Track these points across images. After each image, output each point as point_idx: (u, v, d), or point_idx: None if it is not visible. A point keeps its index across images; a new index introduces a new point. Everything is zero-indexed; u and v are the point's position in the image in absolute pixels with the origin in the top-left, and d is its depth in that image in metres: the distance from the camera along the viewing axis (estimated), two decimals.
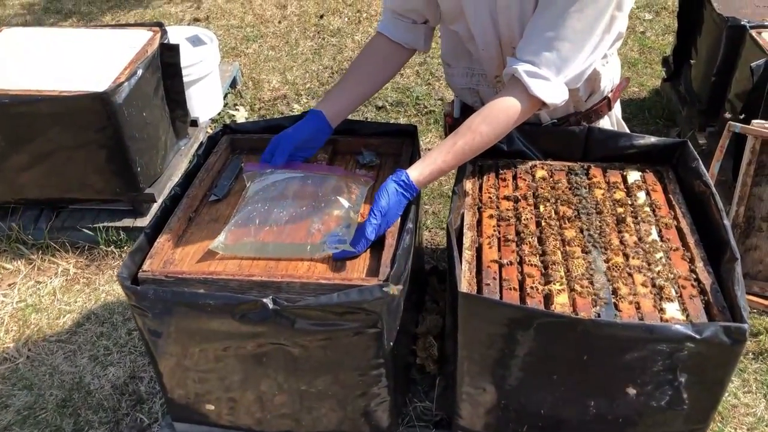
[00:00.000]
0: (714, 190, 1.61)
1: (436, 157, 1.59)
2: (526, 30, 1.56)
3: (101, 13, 4.88)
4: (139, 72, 2.44)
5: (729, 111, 2.52)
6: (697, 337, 1.31)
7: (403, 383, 1.80)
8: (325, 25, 4.49)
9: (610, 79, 1.81)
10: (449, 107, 2.02)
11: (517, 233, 1.63)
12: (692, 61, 2.98)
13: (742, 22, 2.53)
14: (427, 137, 3.23)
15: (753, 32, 2.44)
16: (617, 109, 1.94)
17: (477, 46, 1.72)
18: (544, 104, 1.58)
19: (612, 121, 1.92)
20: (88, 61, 2.53)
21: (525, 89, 1.54)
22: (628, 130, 1.99)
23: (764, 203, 2.19)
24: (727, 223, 1.53)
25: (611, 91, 1.86)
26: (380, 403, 1.61)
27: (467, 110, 1.91)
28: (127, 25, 2.82)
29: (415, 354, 1.87)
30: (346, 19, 4.55)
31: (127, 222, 2.60)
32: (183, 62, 2.74)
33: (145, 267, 1.52)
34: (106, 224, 2.59)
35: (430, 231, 2.62)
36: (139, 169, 2.49)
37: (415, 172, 1.58)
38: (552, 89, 1.55)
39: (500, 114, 1.58)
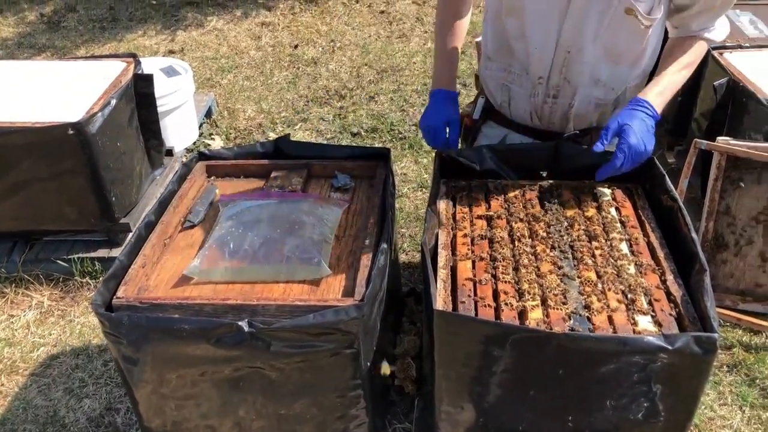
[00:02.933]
0: (681, 204, 1.65)
1: (663, 79, 1.67)
2: (698, 10, 1.64)
3: (75, 47, 4.89)
4: (113, 102, 2.45)
5: (695, 129, 2.59)
6: (669, 348, 1.33)
7: (381, 405, 1.80)
8: (300, 55, 4.53)
9: (636, 90, 1.82)
10: (470, 107, 2.02)
11: (491, 251, 1.65)
12: None
13: None
14: (402, 162, 3.26)
15: (715, 53, 2.51)
16: None
17: (528, 45, 1.73)
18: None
19: None
20: (62, 92, 2.53)
21: (708, 39, 1.70)
22: None
23: (732, 217, 2.23)
24: (695, 236, 1.56)
25: None
26: (359, 425, 1.61)
27: (488, 112, 1.96)
28: (101, 56, 2.83)
29: (394, 375, 1.87)
30: (320, 49, 4.60)
31: (103, 252, 2.58)
32: (157, 92, 2.75)
33: (119, 294, 1.51)
34: (81, 255, 2.56)
35: (407, 253, 2.63)
36: (113, 199, 2.48)
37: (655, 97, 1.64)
38: (724, 29, 1.71)
39: (698, 51, 1.70)
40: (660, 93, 1.64)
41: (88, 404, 2.11)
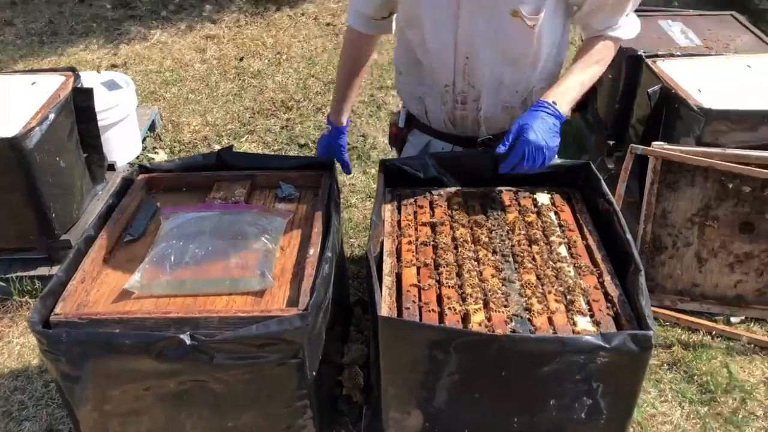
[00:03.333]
0: (617, 207, 1.69)
1: (566, 80, 1.73)
2: (593, 9, 1.72)
3: (12, 61, 4.76)
4: (51, 116, 2.40)
5: (633, 135, 2.67)
6: (607, 346, 1.36)
7: (329, 415, 1.79)
8: (245, 67, 4.51)
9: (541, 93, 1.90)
10: (395, 117, 2.13)
11: (435, 257, 1.67)
12: (597, 91, 3.14)
13: (639, 53, 2.70)
14: (350, 175, 3.26)
15: (649, 61, 2.60)
16: None
17: (430, 54, 1.80)
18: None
19: None
20: None
21: (614, 38, 1.77)
22: None
23: (669, 219, 2.31)
24: (630, 238, 1.61)
25: None
26: None
27: (411, 120, 2.04)
28: (39, 70, 2.77)
29: (342, 385, 1.87)
30: (266, 61, 4.59)
31: (43, 270, 2.51)
32: (98, 106, 2.71)
33: (57, 310, 1.48)
34: (19, 274, 2.49)
35: (355, 263, 2.63)
36: (53, 215, 2.43)
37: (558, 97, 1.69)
38: (633, 28, 1.80)
39: (604, 49, 1.77)
40: (563, 93, 1.69)
41: (28, 427, 2.05)
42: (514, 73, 1.80)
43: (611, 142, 2.91)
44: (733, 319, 2.32)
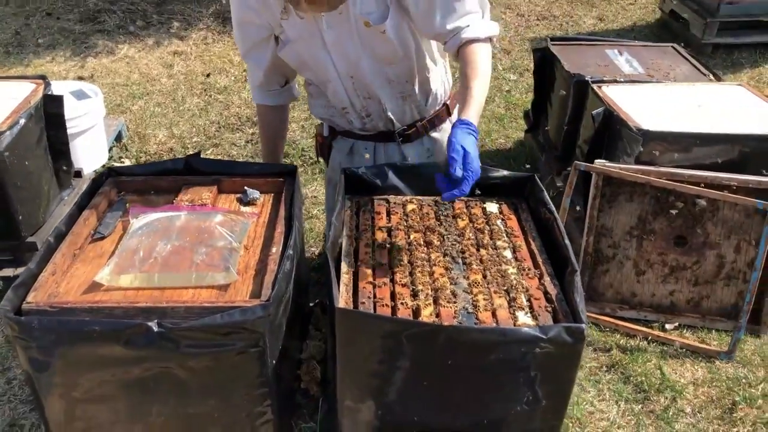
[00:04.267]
0: (557, 216, 1.84)
1: (474, 98, 1.81)
2: (423, 13, 1.84)
3: None
4: (21, 122, 2.47)
5: (579, 155, 2.84)
6: (543, 337, 1.49)
7: (287, 405, 1.88)
8: (212, 83, 4.61)
9: (441, 82, 2.15)
10: (320, 128, 2.33)
11: (390, 258, 1.79)
12: (548, 113, 3.33)
13: (586, 78, 2.89)
14: (313, 185, 3.38)
15: (594, 86, 2.79)
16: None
17: (324, 87, 2.06)
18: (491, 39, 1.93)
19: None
20: None
21: (475, 39, 1.87)
22: None
23: (610, 232, 2.47)
24: (567, 242, 1.75)
25: (447, 97, 2.21)
26: (265, 423, 1.69)
27: (334, 128, 2.24)
28: (10, 77, 2.83)
29: (300, 379, 1.96)
30: (233, 78, 4.69)
31: (8, 272, 2.55)
32: (67, 114, 2.78)
33: (28, 299, 1.55)
34: None
35: (316, 271, 2.73)
36: (20, 217, 2.48)
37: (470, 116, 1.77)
38: (487, 27, 1.90)
39: (477, 57, 1.86)
40: (477, 113, 1.81)
41: None
42: (395, 69, 2.00)
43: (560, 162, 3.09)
44: (667, 326, 2.48)
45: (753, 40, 4.98)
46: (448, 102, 2.23)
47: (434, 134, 2.24)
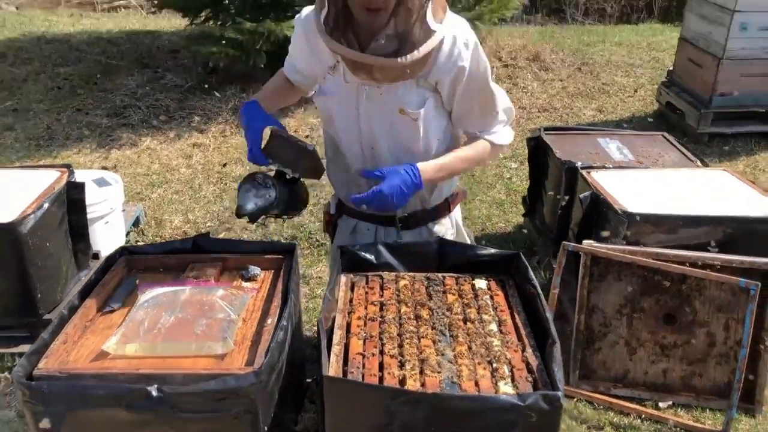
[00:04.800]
0: (540, 291, 1.94)
1: (444, 164, 2.08)
2: (462, 115, 2.09)
3: (10, 162, 5.06)
4: (45, 206, 2.65)
5: (572, 237, 2.96)
6: (521, 404, 1.57)
7: None
8: (228, 172, 4.85)
9: (447, 182, 2.26)
10: (327, 207, 2.45)
11: (381, 331, 1.89)
12: (543, 199, 3.47)
13: (576, 164, 3.04)
14: (318, 266, 3.51)
15: (583, 172, 2.94)
16: (458, 214, 2.39)
17: (344, 147, 2.17)
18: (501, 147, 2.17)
19: (452, 222, 2.35)
20: None
21: (493, 144, 2.13)
22: (467, 236, 2.43)
23: (601, 310, 2.55)
24: (549, 316, 1.85)
25: (450, 195, 2.32)
26: None
27: (340, 207, 2.35)
28: (39, 166, 3.05)
29: None
30: (248, 168, 4.92)
31: (24, 348, 2.67)
32: (88, 200, 2.97)
33: (40, 365, 1.67)
34: (1, 350, 2.65)
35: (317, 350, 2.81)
36: (39, 295, 2.63)
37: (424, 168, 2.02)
38: (506, 135, 2.15)
39: (480, 147, 2.12)
40: (435, 171, 2.05)
41: None
42: (411, 159, 2.11)
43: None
44: (661, 404, 2.52)
45: (747, 130, 5.16)
46: (450, 199, 2.33)
47: (433, 227, 2.34)
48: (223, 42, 5.59)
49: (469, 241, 2.46)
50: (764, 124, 5.16)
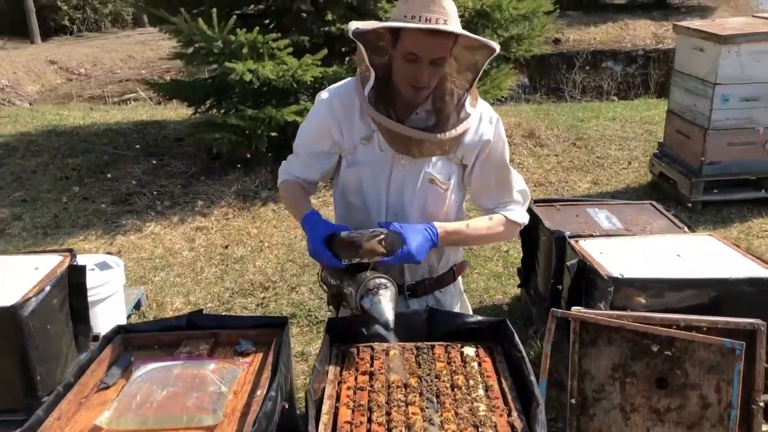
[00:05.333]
0: (525, 356, 1.98)
1: (460, 229, 2.18)
2: (481, 188, 2.22)
3: (17, 251, 5.18)
4: (47, 289, 2.73)
5: (564, 305, 3.00)
6: None
7: None
8: (230, 253, 4.94)
9: (455, 248, 2.36)
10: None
11: (369, 400, 1.92)
12: (537, 269, 3.53)
13: (564, 234, 3.12)
14: (316, 344, 3.54)
15: (571, 241, 3.01)
16: (460, 284, 2.46)
17: (367, 214, 2.23)
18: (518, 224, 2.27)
19: (456, 291, 2.43)
20: (1, 280, 2.81)
21: (507, 219, 2.24)
22: (468, 304, 2.49)
23: (592, 377, 2.57)
24: (533, 379, 1.88)
25: (455, 264, 2.39)
26: None
27: None
28: (43, 251, 3.15)
29: None
30: (249, 249, 5.03)
31: None
32: (89, 283, 3.05)
33: None
34: None
35: None
36: (39, 378, 2.67)
37: (442, 228, 2.12)
38: (522, 215, 2.26)
39: (495, 221, 2.24)
40: (451, 233, 2.13)
41: None
42: None
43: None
44: None
45: (739, 197, 5.26)
46: (454, 268, 2.40)
47: (439, 294, 2.41)
48: (226, 128, 5.81)
49: (470, 311, 2.52)
50: (755, 190, 5.27)
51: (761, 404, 2.49)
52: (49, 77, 14.60)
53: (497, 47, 2.00)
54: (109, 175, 6.50)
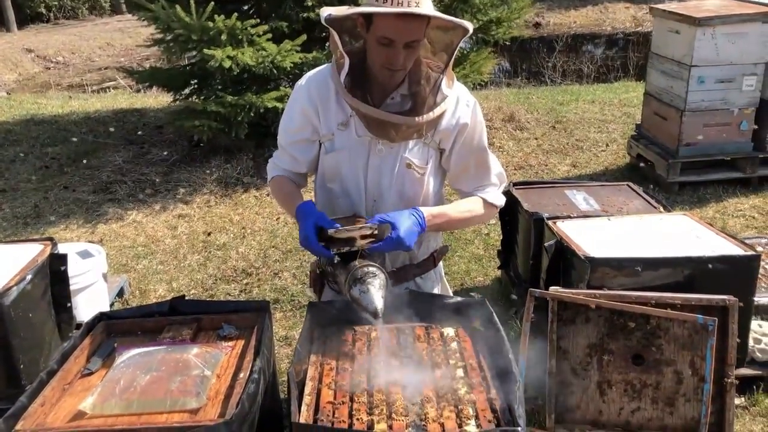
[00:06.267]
0: (504, 335, 2.03)
1: (444, 212, 2.20)
2: (459, 171, 2.24)
3: None
4: (28, 278, 2.73)
5: (543, 285, 3.05)
6: None
7: None
8: (212, 240, 4.95)
9: (435, 235, 2.41)
10: (314, 265, 2.49)
11: (351, 380, 1.96)
12: (516, 251, 3.58)
13: (543, 215, 3.16)
14: (300, 328, 3.56)
15: (549, 222, 3.06)
16: (441, 269, 2.51)
17: (347, 199, 2.25)
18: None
19: (436, 276, 2.47)
20: None
21: (486, 202, 2.26)
22: (449, 288, 2.53)
23: (571, 355, 2.62)
24: (512, 357, 1.93)
25: (435, 250, 2.42)
26: None
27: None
28: (23, 240, 3.14)
29: None
30: (232, 235, 5.04)
31: None
32: (71, 271, 3.05)
33: (17, 427, 1.72)
34: None
35: None
36: (22, 366, 2.68)
37: (428, 212, 2.13)
38: (499, 198, 2.30)
39: (474, 203, 2.27)
40: (435, 216, 2.15)
41: None
42: None
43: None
44: None
45: (715, 177, 5.34)
46: (435, 254, 2.44)
47: (419, 280, 2.44)
48: (206, 116, 5.78)
49: (450, 293, 2.56)
50: (731, 171, 5.35)
51: (734, 379, 2.57)
52: (27, 66, 14.39)
53: (470, 27, 2.01)
54: (88, 163, 6.46)
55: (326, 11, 2.03)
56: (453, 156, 2.21)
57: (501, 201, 2.30)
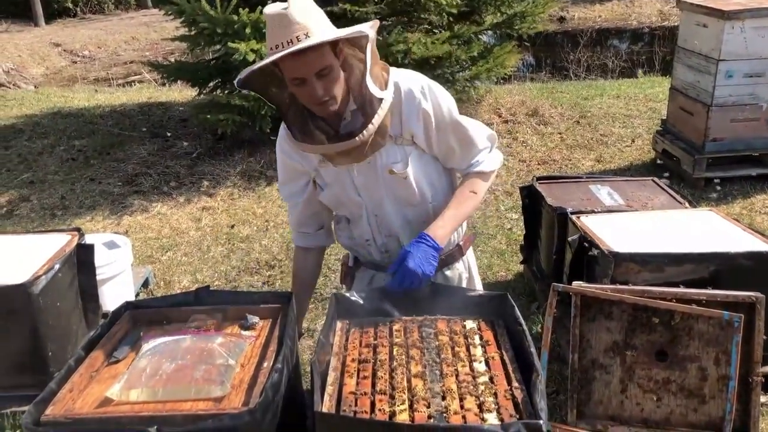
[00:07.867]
0: (525, 329, 2.02)
1: (443, 216, 2.19)
2: (446, 155, 2.23)
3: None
4: (56, 267, 2.78)
5: (566, 280, 3.03)
6: None
7: None
8: (236, 233, 4.99)
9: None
10: (346, 258, 2.57)
11: (374, 372, 1.97)
12: (539, 246, 3.56)
13: (566, 210, 3.15)
14: (322, 320, 3.59)
15: (573, 217, 3.04)
16: (471, 258, 2.53)
17: (353, 222, 2.31)
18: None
19: (466, 266, 2.48)
20: (12, 259, 2.86)
21: (483, 172, 2.26)
22: (478, 280, 2.54)
23: (593, 350, 2.61)
24: (533, 350, 1.92)
25: (461, 239, 2.43)
26: None
27: (358, 259, 2.48)
28: (51, 230, 3.20)
29: None
30: (255, 228, 5.08)
31: None
32: (97, 262, 3.10)
33: (46, 412, 1.76)
34: (14, 409, 2.74)
35: None
36: (50, 354, 2.73)
37: (431, 229, 2.15)
38: (494, 160, 2.28)
39: (474, 184, 2.26)
40: (441, 227, 2.17)
41: None
42: (414, 212, 2.27)
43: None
44: None
45: (742, 173, 5.26)
46: (461, 243, 2.45)
47: (447, 272, 2.45)
48: (230, 109, 5.83)
49: (479, 286, 2.56)
50: (758, 167, 5.27)
51: (760, 376, 2.54)
52: (54, 60, 14.60)
53: (368, 30, 1.94)
54: (113, 156, 6.54)
55: (239, 77, 2.04)
56: (433, 143, 2.20)
57: (496, 164, 2.30)
